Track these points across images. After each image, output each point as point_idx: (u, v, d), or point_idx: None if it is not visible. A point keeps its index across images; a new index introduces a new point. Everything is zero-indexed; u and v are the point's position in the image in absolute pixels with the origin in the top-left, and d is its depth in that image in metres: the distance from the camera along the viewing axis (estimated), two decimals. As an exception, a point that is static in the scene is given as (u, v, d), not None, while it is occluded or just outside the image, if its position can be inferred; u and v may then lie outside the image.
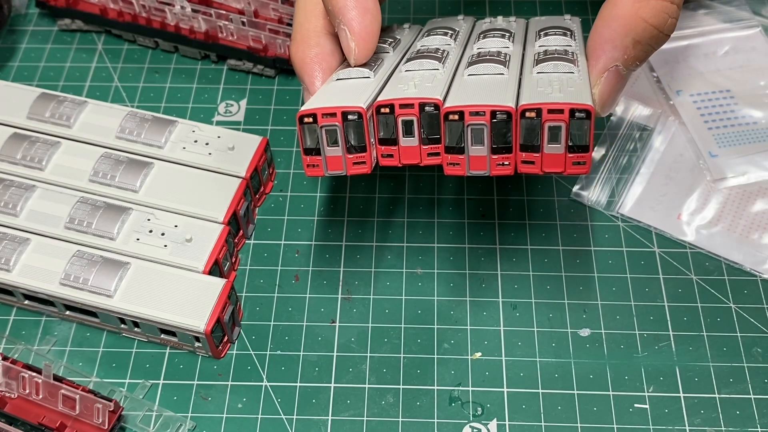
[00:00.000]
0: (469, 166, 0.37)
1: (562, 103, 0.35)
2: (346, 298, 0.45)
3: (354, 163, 0.37)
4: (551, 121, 0.35)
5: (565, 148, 0.36)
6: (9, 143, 0.47)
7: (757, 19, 0.54)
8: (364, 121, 0.36)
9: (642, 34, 0.38)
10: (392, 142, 0.37)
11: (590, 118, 0.35)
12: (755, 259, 0.45)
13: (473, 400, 0.42)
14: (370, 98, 0.37)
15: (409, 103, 0.36)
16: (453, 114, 0.35)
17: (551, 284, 0.45)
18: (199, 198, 0.45)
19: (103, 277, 0.42)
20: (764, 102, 0.51)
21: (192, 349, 0.43)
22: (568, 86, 0.37)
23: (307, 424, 0.41)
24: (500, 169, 0.37)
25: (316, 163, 0.38)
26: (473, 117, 0.35)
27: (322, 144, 0.37)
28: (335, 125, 0.36)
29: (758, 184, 0.48)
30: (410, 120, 0.36)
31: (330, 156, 0.37)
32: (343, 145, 0.37)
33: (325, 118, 0.36)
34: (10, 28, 0.57)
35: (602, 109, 0.39)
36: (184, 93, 0.53)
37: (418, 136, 0.37)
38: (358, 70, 0.39)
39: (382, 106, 0.36)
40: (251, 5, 0.53)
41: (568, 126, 0.35)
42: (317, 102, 0.37)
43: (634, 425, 0.41)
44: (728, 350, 0.43)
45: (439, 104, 0.36)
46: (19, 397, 0.41)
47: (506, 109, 0.35)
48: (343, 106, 0.36)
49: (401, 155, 0.38)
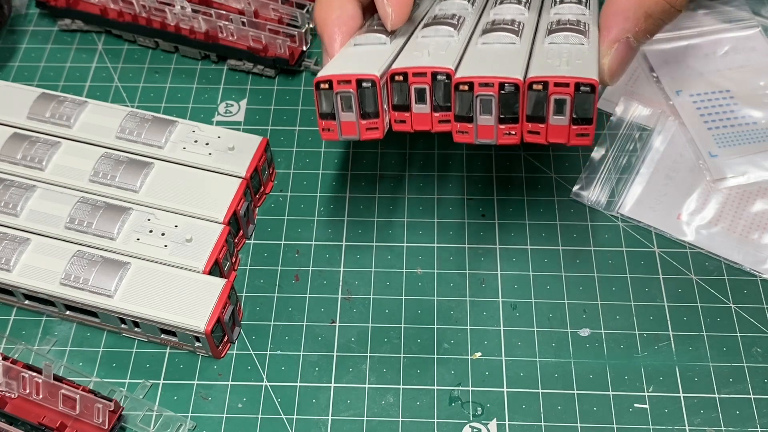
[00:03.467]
0: (477, 134, 0.38)
1: (568, 77, 0.36)
2: (346, 298, 0.45)
3: (367, 128, 0.39)
4: (557, 94, 0.36)
5: (570, 120, 0.37)
6: (9, 143, 0.47)
7: (757, 20, 0.54)
8: (377, 88, 0.38)
9: (654, 8, 0.39)
10: (405, 108, 0.39)
11: (595, 92, 0.36)
12: (755, 259, 0.45)
13: (473, 399, 0.42)
14: (384, 66, 0.38)
15: (422, 72, 0.37)
16: (463, 84, 0.37)
17: (551, 284, 0.45)
18: (199, 198, 0.45)
19: (104, 277, 0.42)
20: (764, 102, 0.51)
21: (192, 349, 0.43)
22: (576, 59, 0.37)
23: (307, 424, 0.41)
24: (507, 138, 0.38)
25: (331, 127, 0.39)
26: (482, 88, 0.36)
27: (337, 109, 0.38)
28: (350, 92, 0.38)
29: (758, 184, 0.48)
30: (423, 88, 0.38)
31: (344, 121, 0.39)
32: (357, 111, 0.38)
33: (340, 85, 0.37)
34: (11, 28, 0.57)
35: (611, 79, 0.40)
36: (185, 93, 0.53)
37: (430, 103, 0.38)
38: (376, 36, 0.40)
39: (397, 73, 0.38)
40: (251, 5, 0.53)
41: (573, 99, 0.36)
42: (333, 68, 0.38)
43: (634, 425, 0.41)
44: (728, 350, 0.43)
45: (451, 74, 0.37)
46: (20, 397, 0.41)
47: (514, 81, 0.36)
48: (358, 74, 0.37)
49: (413, 121, 0.39)
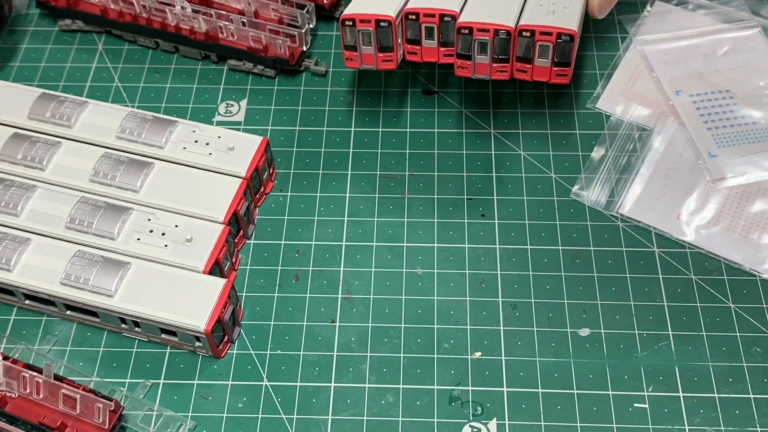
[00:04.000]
0: (475, 70, 0.45)
1: (551, 27, 0.43)
2: (346, 298, 0.45)
3: (383, 60, 0.46)
4: (542, 41, 0.44)
5: (552, 63, 0.44)
6: (10, 143, 0.47)
7: (757, 20, 0.54)
8: (392, 28, 0.45)
9: None
10: (417, 42, 0.46)
11: (573, 41, 0.43)
12: (754, 259, 0.45)
13: (473, 399, 0.42)
14: (400, 6, 0.45)
15: (431, 13, 0.45)
16: (464, 29, 0.44)
17: (551, 284, 0.45)
18: (200, 198, 0.45)
19: (104, 277, 0.42)
20: (763, 102, 0.51)
21: (192, 348, 0.43)
22: (563, 6, 0.45)
23: (307, 424, 0.41)
24: (499, 74, 0.45)
25: (353, 57, 0.46)
26: (480, 33, 0.44)
27: (359, 43, 0.46)
28: (369, 30, 0.45)
29: (757, 184, 0.48)
30: (431, 27, 0.45)
31: (365, 53, 0.46)
32: (375, 45, 0.45)
33: (362, 23, 0.45)
34: (11, 29, 0.57)
35: (600, 12, 0.47)
36: (185, 93, 0.53)
37: (437, 39, 0.46)
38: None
39: (410, 13, 0.45)
40: (251, 6, 0.53)
41: (555, 46, 0.44)
42: (357, 8, 0.45)
43: (634, 425, 0.41)
44: (727, 350, 0.43)
45: (456, 16, 0.44)
46: (20, 397, 0.41)
47: (507, 29, 0.44)
48: (377, 14, 0.44)
49: (423, 54, 0.46)
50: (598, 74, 0.53)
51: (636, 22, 0.55)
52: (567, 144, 0.50)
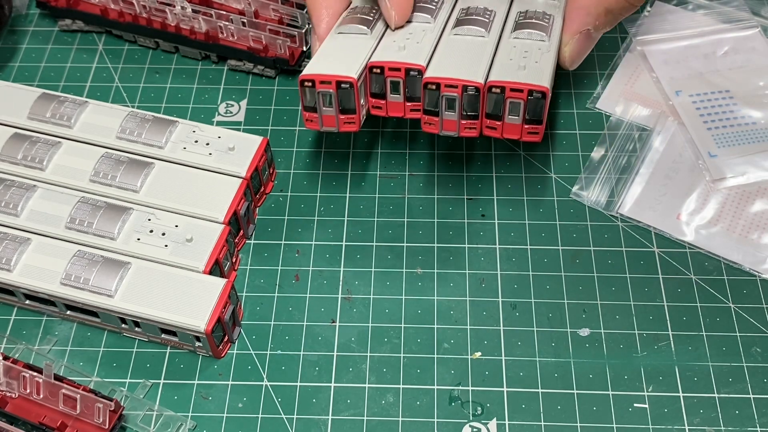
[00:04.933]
0: (442, 127, 0.43)
1: (522, 84, 0.40)
2: (346, 298, 0.45)
3: (345, 122, 0.43)
4: (512, 98, 0.41)
5: (523, 120, 0.42)
6: (10, 143, 0.47)
7: (756, 20, 0.54)
8: (354, 89, 0.42)
9: (614, 6, 0.44)
10: (381, 96, 0.43)
11: (545, 98, 0.40)
12: (754, 259, 0.45)
13: (473, 399, 0.42)
14: (363, 63, 0.42)
15: (396, 67, 0.42)
16: (431, 84, 0.41)
17: (551, 284, 0.45)
18: (200, 198, 0.45)
19: (104, 277, 0.42)
20: (763, 102, 0.51)
21: (192, 348, 0.43)
22: (535, 60, 0.42)
23: (307, 424, 0.41)
24: (467, 131, 0.43)
25: (313, 119, 0.43)
26: (448, 89, 0.41)
27: (319, 105, 0.43)
28: (330, 91, 0.42)
29: (757, 184, 0.48)
30: (397, 81, 0.42)
31: (325, 115, 0.43)
32: (336, 107, 0.42)
33: (322, 85, 0.42)
34: (11, 29, 0.57)
35: (571, 65, 0.45)
36: (185, 93, 0.53)
37: (403, 94, 0.43)
38: (358, 27, 0.44)
39: (375, 67, 0.42)
40: (251, 6, 0.53)
41: (526, 103, 0.41)
42: (317, 67, 0.42)
43: (634, 425, 0.41)
44: (727, 350, 0.43)
45: (422, 70, 0.42)
46: (20, 397, 0.41)
47: (476, 85, 0.41)
48: (338, 75, 0.41)
49: (388, 108, 0.44)
50: (598, 74, 0.53)
51: (636, 22, 0.55)
52: (567, 144, 0.50)
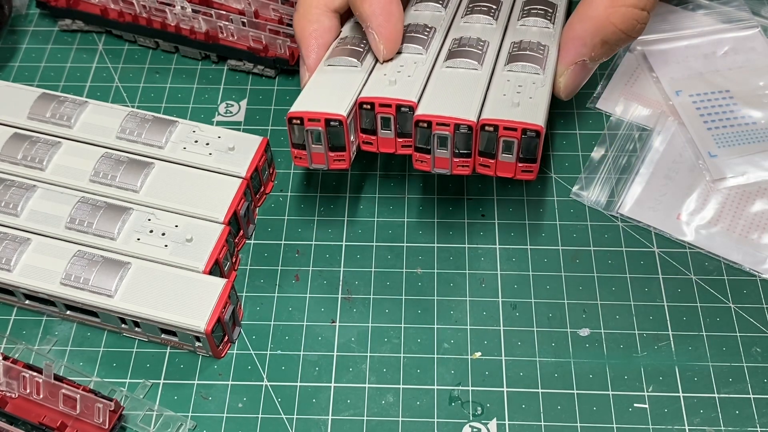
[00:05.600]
0: (434, 164, 0.41)
1: (516, 122, 0.39)
2: (346, 298, 0.45)
3: (334, 159, 0.42)
4: (506, 137, 0.39)
5: (516, 159, 0.40)
6: (10, 143, 0.47)
7: (756, 20, 0.54)
8: (344, 127, 0.40)
9: (610, 37, 0.42)
10: (372, 132, 0.42)
11: (539, 136, 0.39)
12: (754, 259, 0.45)
13: (473, 399, 0.42)
14: (353, 99, 0.41)
15: (387, 103, 0.40)
16: (422, 122, 0.40)
17: (551, 284, 0.45)
18: (200, 198, 0.45)
19: (104, 277, 0.42)
20: (763, 102, 0.51)
21: (192, 348, 0.43)
22: (529, 95, 0.40)
23: (307, 424, 0.41)
24: (460, 169, 0.41)
25: (302, 156, 0.42)
26: (439, 127, 0.40)
27: (308, 142, 0.41)
28: (319, 129, 0.41)
29: (757, 184, 0.48)
30: (388, 117, 0.41)
31: (314, 152, 0.42)
32: (325, 144, 0.41)
33: (310, 122, 0.40)
34: (11, 29, 0.57)
35: (566, 96, 0.44)
36: (185, 93, 0.53)
37: (394, 130, 0.41)
38: (347, 60, 0.43)
39: (365, 102, 0.41)
40: (251, 6, 0.53)
41: (520, 141, 0.39)
42: (305, 102, 0.41)
43: (634, 425, 0.41)
44: (727, 350, 0.43)
45: (414, 107, 0.40)
46: (20, 397, 0.41)
47: (468, 123, 0.39)
48: (327, 113, 0.40)
49: (379, 144, 0.42)
50: (598, 74, 0.53)
51: (636, 22, 0.55)
52: (567, 144, 0.50)
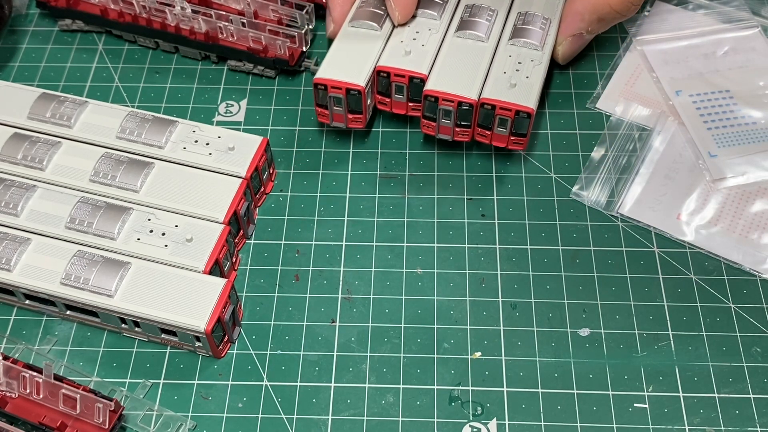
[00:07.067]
0: (438, 131, 0.48)
1: (511, 104, 0.45)
2: (346, 298, 0.45)
3: (352, 120, 0.49)
4: (501, 115, 0.46)
5: (509, 133, 0.47)
6: (10, 143, 0.47)
7: (757, 20, 0.54)
8: (362, 95, 0.47)
9: (606, 15, 0.49)
10: (387, 95, 0.49)
11: (530, 117, 0.46)
12: (754, 259, 0.45)
13: (473, 399, 0.42)
14: (371, 68, 0.47)
15: (401, 74, 0.47)
16: (431, 97, 0.46)
17: (551, 284, 0.45)
18: (200, 198, 0.45)
19: (104, 277, 0.42)
20: (763, 102, 0.51)
21: (192, 348, 0.43)
22: (526, 75, 0.47)
23: (307, 424, 0.41)
24: (461, 137, 0.48)
25: (324, 114, 0.49)
26: (445, 102, 0.46)
27: (330, 104, 0.48)
28: (340, 96, 0.47)
29: (757, 184, 0.48)
30: (401, 85, 0.48)
31: (335, 113, 0.48)
32: (345, 107, 0.48)
33: (333, 89, 0.47)
34: (11, 29, 0.57)
35: (563, 61, 0.52)
36: (185, 93, 0.53)
37: (406, 96, 0.48)
38: (368, 24, 0.49)
39: (382, 71, 0.48)
40: (251, 6, 0.53)
41: (513, 119, 0.46)
42: (329, 70, 0.47)
43: (634, 425, 0.41)
44: (727, 350, 0.43)
45: (424, 79, 0.47)
46: (20, 397, 0.41)
47: (470, 102, 0.46)
48: (348, 83, 0.47)
49: (392, 106, 0.49)
50: (598, 74, 0.53)
51: (636, 22, 0.55)
52: (567, 144, 0.50)
